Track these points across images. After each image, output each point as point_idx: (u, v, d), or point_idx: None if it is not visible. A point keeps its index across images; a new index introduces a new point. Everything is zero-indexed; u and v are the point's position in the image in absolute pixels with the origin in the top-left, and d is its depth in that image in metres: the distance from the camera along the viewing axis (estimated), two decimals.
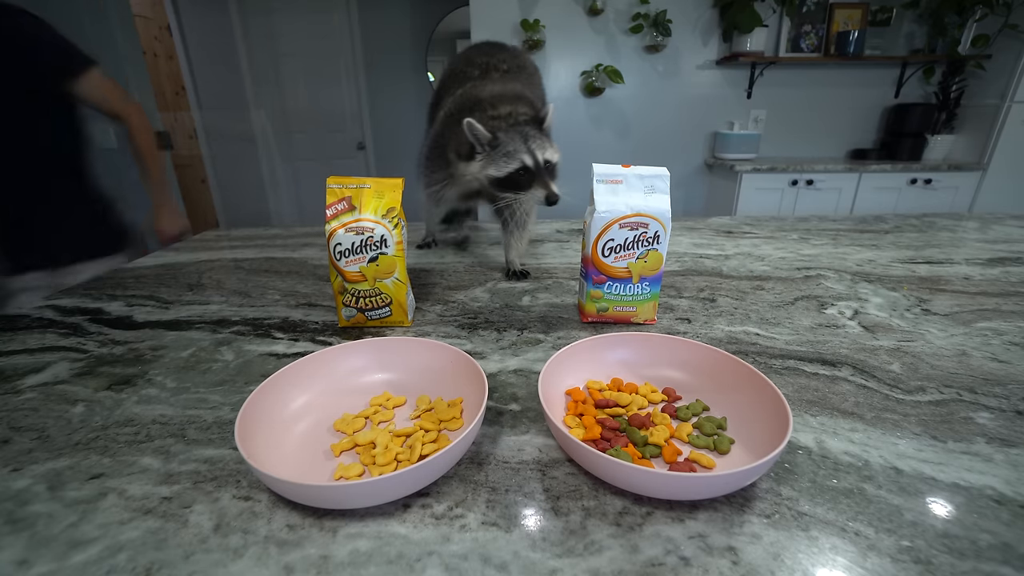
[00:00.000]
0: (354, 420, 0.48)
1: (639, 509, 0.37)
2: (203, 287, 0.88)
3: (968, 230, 1.20)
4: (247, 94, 3.88)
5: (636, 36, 2.80)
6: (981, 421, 0.47)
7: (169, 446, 0.45)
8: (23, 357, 0.63)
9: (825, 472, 0.41)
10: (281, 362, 0.60)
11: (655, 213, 0.63)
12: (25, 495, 0.40)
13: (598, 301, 0.68)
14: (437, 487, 0.40)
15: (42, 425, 0.49)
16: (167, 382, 0.57)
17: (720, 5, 2.74)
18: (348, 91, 3.94)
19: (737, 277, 0.89)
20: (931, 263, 0.95)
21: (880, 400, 0.51)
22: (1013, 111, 2.58)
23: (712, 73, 2.94)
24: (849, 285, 0.84)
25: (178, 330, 0.70)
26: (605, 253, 0.65)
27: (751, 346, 0.63)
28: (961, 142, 2.84)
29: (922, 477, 0.40)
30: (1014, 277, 0.87)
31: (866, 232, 1.19)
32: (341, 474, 0.41)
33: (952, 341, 0.64)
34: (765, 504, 0.37)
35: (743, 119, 3.03)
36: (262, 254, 1.07)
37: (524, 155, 0.80)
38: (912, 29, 2.88)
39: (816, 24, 2.82)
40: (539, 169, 0.81)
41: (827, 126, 3.09)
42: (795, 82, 2.97)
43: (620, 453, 0.41)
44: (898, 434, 0.46)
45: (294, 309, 0.77)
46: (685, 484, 0.36)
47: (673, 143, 3.08)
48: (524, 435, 0.47)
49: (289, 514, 0.37)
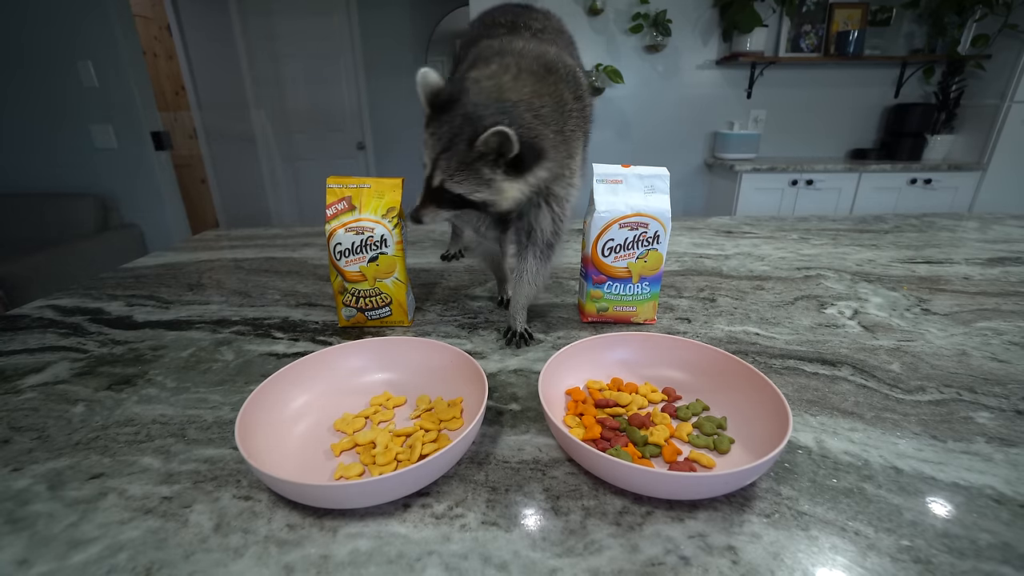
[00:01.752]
0: (354, 420, 0.48)
1: (639, 509, 0.37)
2: (203, 287, 0.88)
3: (968, 230, 1.20)
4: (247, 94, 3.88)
5: (636, 36, 2.80)
6: (981, 421, 0.47)
7: (169, 446, 0.46)
8: (23, 357, 0.63)
9: (825, 472, 0.41)
10: (281, 362, 0.60)
11: (655, 213, 0.63)
12: (25, 495, 0.40)
13: (598, 301, 0.68)
14: (437, 487, 0.40)
15: (42, 425, 0.49)
16: (167, 382, 0.57)
17: (720, 5, 2.74)
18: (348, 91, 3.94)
19: (737, 277, 0.89)
20: (931, 263, 0.95)
21: (880, 400, 0.51)
22: (1013, 111, 2.58)
23: (712, 73, 2.94)
24: (849, 285, 0.84)
25: (178, 330, 0.70)
26: (605, 253, 0.65)
27: (751, 346, 0.63)
28: (961, 142, 2.84)
29: (922, 477, 0.40)
30: (1014, 277, 0.87)
31: (866, 232, 1.19)
32: (341, 474, 0.41)
33: (952, 341, 0.64)
34: (765, 503, 0.38)
35: (743, 119, 3.02)
36: (262, 254, 1.07)
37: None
38: (912, 29, 2.87)
39: (816, 24, 2.82)
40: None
41: (827, 126, 3.08)
42: (795, 82, 2.96)
43: (620, 453, 0.41)
44: (898, 434, 0.46)
45: (294, 309, 0.77)
46: (685, 484, 0.36)
47: (673, 143, 3.08)
48: (524, 435, 0.47)
49: (289, 514, 0.37)
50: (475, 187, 0.55)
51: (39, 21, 2.30)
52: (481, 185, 0.55)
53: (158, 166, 2.57)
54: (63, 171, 2.55)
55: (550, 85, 0.58)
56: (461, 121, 0.53)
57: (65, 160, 2.53)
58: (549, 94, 0.57)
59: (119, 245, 2.56)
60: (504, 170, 0.54)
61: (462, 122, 0.53)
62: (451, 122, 0.53)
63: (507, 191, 0.56)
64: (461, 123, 0.53)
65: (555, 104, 0.58)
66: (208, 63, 3.83)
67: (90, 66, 2.36)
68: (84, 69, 2.36)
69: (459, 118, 0.53)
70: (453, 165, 0.54)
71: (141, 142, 2.50)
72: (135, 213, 2.67)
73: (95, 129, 2.47)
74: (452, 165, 0.54)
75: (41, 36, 2.32)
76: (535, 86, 0.57)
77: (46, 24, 2.30)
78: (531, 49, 0.61)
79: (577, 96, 0.61)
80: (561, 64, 0.61)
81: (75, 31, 2.31)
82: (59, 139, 2.49)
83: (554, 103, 0.58)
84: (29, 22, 2.30)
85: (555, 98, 0.58)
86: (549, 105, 0.57)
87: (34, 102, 2.43)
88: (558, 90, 0.58)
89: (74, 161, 2.53)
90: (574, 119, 0.61)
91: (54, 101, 2.42)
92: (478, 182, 0.55)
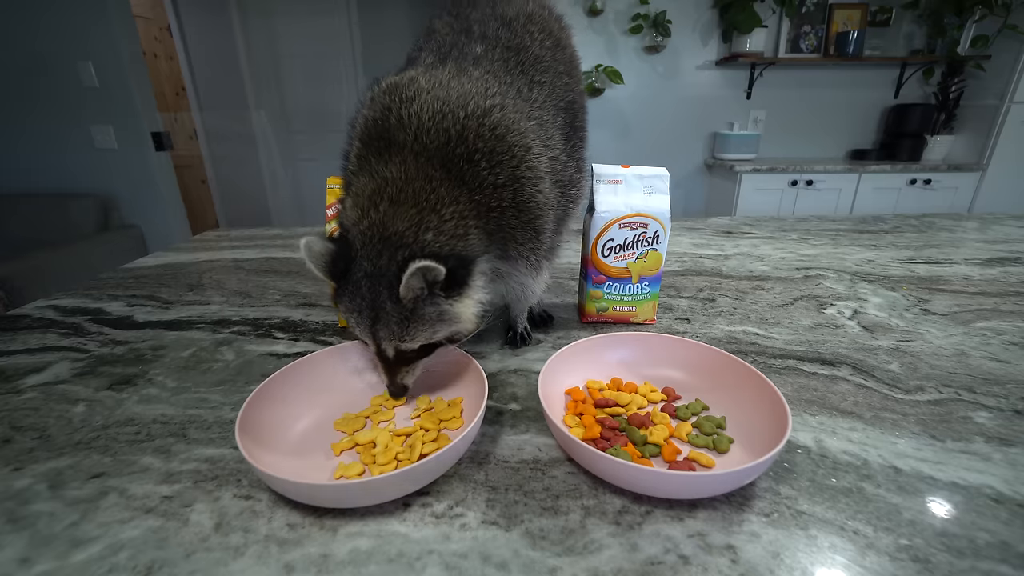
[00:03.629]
0: (354, 419, 0.48)
1: (638, 508, 0.38)
2: (203, 287, 0.88)
3: (967, 230, 1.21)
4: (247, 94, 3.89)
5: (636, 37, 2.81)
6: (980, 420, 0.48)
7: (170, 445, 0.46)
8: (24, 357, 0.63)
9: (824, 471, 0.41)
10: (282, 362, 0.61)
11: (655, 213, 0.63)
12: (26, 494, 0.40)
13: (598, 301, 0.68)
14: (437, 486, 0.40)
15: (43, 425, 0.49)
16: (168, 382, 0.57)
17: (720, 6, 2.74)
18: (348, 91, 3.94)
19: (737, 277, 0.89)
20: (930, 263, 0.96)
21: (879, 400, 0.51)
22: (1013, 111, 2.58)
23: (712, 73, 2.94)
24: (848, 285, 0.84)
25: (179, 330, 0.70)
26: (605, 253, 0.65)
27: (750, 346, 0.63)
28: (960, 142, 2.84)
29: (921, 476, 0.40)
30: (1013, 277, 0.87)
31: (865, 232, 1.19)
32: (341, 473, 0.41)
33: (951, 341, 0.64)
34: (764, 503, 0.38)
35: (743, 119, 3.03)
36: (262, 254, 1.07)
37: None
38: (911, 30, 2.88)
39: (815, 25, 2.83)
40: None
41: (826, 126, 3.09)
42: (795, 82, 2.97)
43: (620, 452, 0.42)
44: (897, 433, 0.46)
45: (294, 309, 0.77)
46: (684, 483, 0.36)
47: (673, 143, 3.08)
48: (524, 434, 0.47)
49: (290, 513, 0.37)
50: (431, 331, 0.46)
51: (41, 22, 2.30)
52: (436, 325, 0.46)
53: (158, 167, 2.58)
54: (64, 172, 2.55)
55: (449, 183, 0.46)
56: (368, 285, 0.44)
57: (66, 161, 2.53)
58: (448, 196, 0.46)
59: (120, 245, 2.56)
60: (446, 295, 0.45)
61: (370, 285, 0.44)
62: (359, 291, 0.45)
63: (464, 312, 0.47)
64: (370, 286, 0.44)
65: (465, 196, 0.47)
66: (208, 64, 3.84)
67: (91, 67, 2.36)
68: (84, 70, 2.36)
69: (365, 282, 0.44)
70: (394, 329, 0.45)
71: (142, 143, 2.50)
72: (136, 213, 2.68)
73: (95, 130, 2.47)
74: (393, 330, 0.45)
75: (42, 37, 2.32)
76: (424, 198, 0.45)
77: (47, 25, 2.30)
78: (407, 163, 0.47)
79: (496, 164, 0.48)
80: (469, 138, 0.47)
81: (76, 32, 2.31)
82: (60, 140, 2.50)
83: (460, 196, 0.47)
84: (30, 23, 2.30)
85: (460, 191, 0.47)
86: (458, 203, 0.46)
87: (35, 103, 2.43)
88: (465, 178, 0.47)
89: (75, 162, 2.53)
90: (502, 190, 0.48)
91: (55, 102, 2.43)
92: (430, 325, 0.46)
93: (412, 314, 0.45)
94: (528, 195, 0.50)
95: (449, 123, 0.47)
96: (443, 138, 0.46)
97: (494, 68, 0.54)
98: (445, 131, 0.47)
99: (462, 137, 0.47)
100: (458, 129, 0.47)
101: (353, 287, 0.45)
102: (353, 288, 0.45)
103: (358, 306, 0.45)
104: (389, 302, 0.44)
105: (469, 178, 0.47)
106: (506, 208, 0.49)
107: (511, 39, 0.56)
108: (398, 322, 0.45)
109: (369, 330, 0.46)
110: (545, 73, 0.57)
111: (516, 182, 0.49)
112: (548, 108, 0.56)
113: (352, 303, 0.46)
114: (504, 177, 0.48)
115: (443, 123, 0.47)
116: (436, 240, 0.45)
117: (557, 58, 0.60)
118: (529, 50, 0.57)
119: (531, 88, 0.55)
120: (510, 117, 0.49)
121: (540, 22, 0.60)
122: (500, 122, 0.48)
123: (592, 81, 2.85)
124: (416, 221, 0.45)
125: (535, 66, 0.56)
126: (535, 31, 0.58)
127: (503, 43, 0.56)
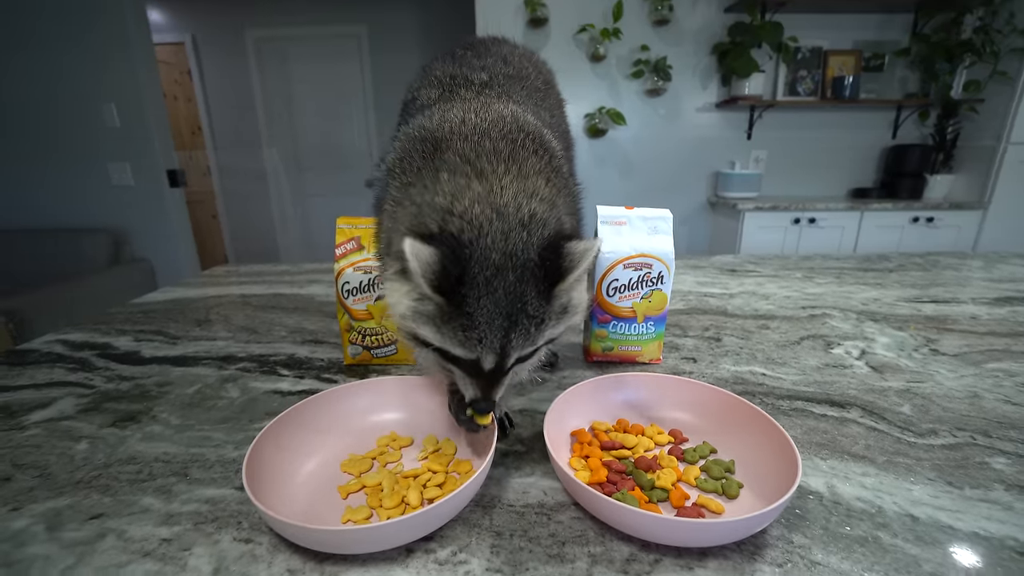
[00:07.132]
0: (361, 460, 0.47)
1: (647, 556, 0.36)
2: (211, 323, 0.88)
3: (973, 269, 1.21)
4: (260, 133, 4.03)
5: (637, 80, 2.90)
6: (998, 467, 0.46)
7: (171, 485, 0.45)
8: (30, 392, 0.63)
9: (837, 519, 0.40)
10: (286, 399, 0.60)
11: (659, 254, 0.64)
12: (23, 536, 0.39)
13: (603, 341, 0.68)
14: (441, 531, 0.39)
15: (44, 463, 0.49)
16: (171, 419, 0.57)
17: (718, 52, 2.85)
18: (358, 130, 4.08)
19: (742, 316, 0.89)
20: (937, 302, 0.95)
21: (891, 443, 0.50)
22: (1010, 152, 2.63)
23: (712, 115, 3.02)
24: (855, 324, 0.84)
25: (184, 366, 0.71)
26: (610, 293, 0.65)
27: (758, 386, 0.63)
28: (961, 181, 2.88)
29: (939, 525, 0.39)
30: (1023, 317, 0.86)
31: (870, 271, 1.19)
32: (349, 518, 0.40)
33: (963, 382, 0.63)
34: (776, 552, 0.36)
35: (744, 159, 3.09)
36: (270, 290, 1.08)
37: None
38: (905, 74, 2.97)
39: (812, 69, 2.92)
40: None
41: (827, 166, 3.14)
42: (794, 124, 3.04)
43: (627, 497, 0.41)
44: (912, 479, 0.44)
45: (300, 346, 0.77)
46: (693, 531, 0.35)
47: (675, 182, 3.13)
48: (529, 477, 0.46)
49: (290, 558, 0.36)
50: (555, 328, 0.41)
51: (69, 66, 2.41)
52: (560, 319, 0.41)
53: (172, 202, 2.64)
54: (80, 208, 2.62)
55: (536, 162, 0.45)
56: (515, 278, 0.37)
57: (82, 197, 2.61)
58: (538, 172, 0.45)
59: (130, 279, 2.60)
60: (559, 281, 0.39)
61: (517, 278, 0.37)
62: (495, 288, 0.37)
63: (581, 301, 0.42)
64: (517, 279, 0.37)
65: (555, 176, 0.47)
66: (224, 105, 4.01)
67: (113, 108, 2.46)
68: (108, 111, 2.46)
69: (509, 275, 0.37)
70: (531, 332, 0.39)
71: (157, 179, 2.58)
72: (147, 248, 2.72)
73: (112, 167, 2.55)
74: (529, 333, 0.39)
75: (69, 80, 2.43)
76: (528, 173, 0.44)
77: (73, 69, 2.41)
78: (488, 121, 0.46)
79: (554, 161, 0.49)
80: (528, 131, 0.48)
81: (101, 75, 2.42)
82: (77, 177, 2.58)
83: (551, 175, 0.47)
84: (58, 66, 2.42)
85: (550, 171, 0.47)
86: (549, 181, 0.45)
87: (57, 141, 2.52)
88: (541, 163, 0.47)
89: (90, 197, 2.61)
90: (567, 180, 0.50)
91: (76, 140, 2.52)
92: (556, 320, 0.40)
93: (546, 312, 0.39)
94: (572, 183, 0.52)
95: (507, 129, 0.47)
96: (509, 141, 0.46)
97: (506, 91, 0.57)
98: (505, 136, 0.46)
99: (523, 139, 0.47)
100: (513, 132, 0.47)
101: (484, 285, 0.37)
102: (485, 287, 0.37)
103: (490, 313, 0.37)
104: (536, 300, 0.38)
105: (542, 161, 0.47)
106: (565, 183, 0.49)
107: (512, 71, 0.62)
108: (537, 324, 0.38)
109: (500, 342, 0.38)
110: (544, 101, 0.64)
111: (557, 172, 0.49)
112: (555, 128, 0.60)
113: (481, 316, 0.37)
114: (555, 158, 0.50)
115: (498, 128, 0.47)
116: (557, 212, 0.41)
117: (550, 94, 0.68)
118: (529, 79, 0.63)
119: (539, 111, 0.59)
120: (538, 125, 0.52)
121: (535, 62, 0.69)
122: (533, 123, 0.50)
123: (595, 123, 2.93)
124: (541, 196, 0.41)
125: (534, 95, 0.62)
126: (529, 67, 0.66)
127: (505, 73, 0.60)
